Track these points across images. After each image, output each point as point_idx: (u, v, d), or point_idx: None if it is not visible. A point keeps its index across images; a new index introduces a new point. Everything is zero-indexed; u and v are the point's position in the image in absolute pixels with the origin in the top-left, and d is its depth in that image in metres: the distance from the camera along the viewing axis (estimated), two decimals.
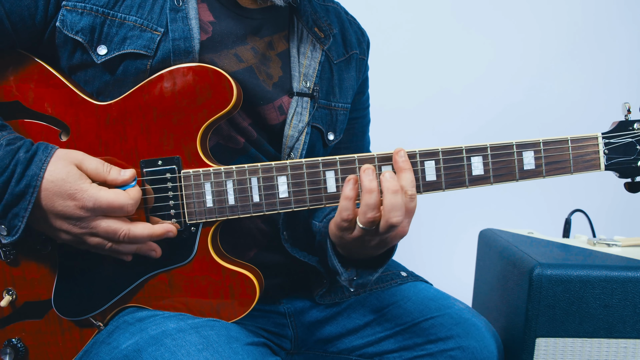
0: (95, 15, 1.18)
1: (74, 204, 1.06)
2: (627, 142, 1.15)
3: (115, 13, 1.19)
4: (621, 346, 1.51)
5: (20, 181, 1.04)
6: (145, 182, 1.17)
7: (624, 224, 3.26)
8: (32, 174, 1.05)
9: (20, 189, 1.04)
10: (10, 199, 1.05)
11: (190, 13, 1.23)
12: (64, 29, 1.17)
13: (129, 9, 1.20)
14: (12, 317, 1.21)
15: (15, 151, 1.06)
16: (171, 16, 1.21)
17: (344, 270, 1.23)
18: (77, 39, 1.17)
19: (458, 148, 1.15)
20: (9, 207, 1.05)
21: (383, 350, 1.42)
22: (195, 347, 1.05)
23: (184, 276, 1.19)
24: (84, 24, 1.17)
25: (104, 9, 1.18)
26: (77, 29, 1.17)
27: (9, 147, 1.06)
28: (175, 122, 1.16)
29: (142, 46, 1.19)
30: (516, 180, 1.15)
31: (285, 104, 1.35)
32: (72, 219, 1.07)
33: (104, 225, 1.09)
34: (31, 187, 1.05)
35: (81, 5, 1.17)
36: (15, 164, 1.05)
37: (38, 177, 1.05)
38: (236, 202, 1.17)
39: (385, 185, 1.09)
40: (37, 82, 1.19)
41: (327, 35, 1.45)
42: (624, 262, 1.56)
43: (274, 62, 1.36)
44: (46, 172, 1.06)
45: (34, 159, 1.06)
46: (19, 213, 1.06)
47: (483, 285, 1.99)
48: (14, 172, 1.04)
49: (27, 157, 1.06)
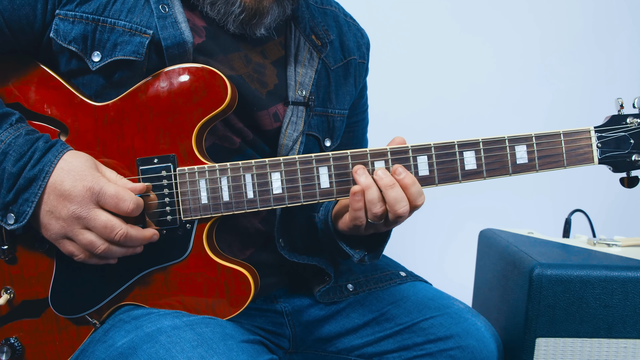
0: (86, 22, 1.18)
1: (82, 185, 1.07)
2: (620, 136, 1.16)
3: (105, 19, 1.19)
4: (621, 346, 1.50)
5: (35, 166, 1.08)
6: (143, 180, 1.18)
7: (624, 224, 3.24)
8: (47, 160, 1.08)
9: (34, 174, 1.07)
10: (23, 183, 1.08)
11: (178, 17, 1.22)
12: (57, 39, 1.18)
13: (118, 13, 1.20)
14: (9, 315, 1.21)
15: (34, 140, 1.10)
16: (160, 24, 1.20)
17: (355, 252, 1.31)
18: (71, 49, 1.19)
19: (450, 143, 1.15)
20: (21, 192, 1.08)
21: (382, 350, 1.42)
22: (189, 343, 1.06)
23: (179, 273, 1.19)
24: (76, 33, 1.18)
25: (93, 16, 1.19)
26: (70, 39, 1.18)
27: (28, 136, 1.11)
28: (171, 121, 1.17)
29: (131, 52, 1.19)
30: (509, 175, 1.16)
31: (281, 111, 1.35)
32: (74, 202, 1.07)
33: (103, 218, 1.08)
34: (44, 172, 1.08)
35: (72, 14, 1.18)
36: (34, 151, 1.09)
37: (52, 163, 1.08)
38: (230, 199, 1.18)
39: (381, 183, 1.14)
40: (37, 85, 1.21)
41: (325, 43, 1.44)
42: (624, 262, 1.55)
43: (269, 70, 1.36)
44: (62, 159, 1.10)
45: (51, 148, 1.10)
46: (29, 198, 1.08)
47: (483, 285, 1.98)
48: (31, 158, 1.08)
49: (45, 146, 1.10)
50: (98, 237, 1.10)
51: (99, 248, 1.10)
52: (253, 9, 1.26)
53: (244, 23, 1.28)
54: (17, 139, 1.09)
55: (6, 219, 1.10)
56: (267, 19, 1.29)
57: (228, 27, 1.28)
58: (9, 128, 1.11)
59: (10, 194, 1.08)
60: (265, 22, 1.29)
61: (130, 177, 1.18)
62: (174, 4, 1.23)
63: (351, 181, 1.17)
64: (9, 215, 1.09)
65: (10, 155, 1.08)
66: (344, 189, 1.17)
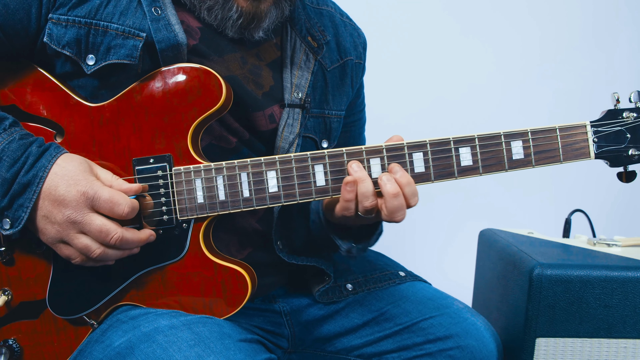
0: (79, 26, 1.18)
1: (76, 190, 1.07)
2: (617, 130, 1.15)
3: (97, 22, 1.18)
4: (621, 346, 1.50)
5: (28, 172, 1.08)
6: (139, 180, 1.18)
7: (624, 224, 3.24)
8: (40, 165, 1.08)
9: (28, 179, 1.07)
10: (17, 188, 1.08)
11: (171, 19, 1.22)
12: (51, 43, 1.18)
13: (110, 16, 1.19)
14: (7, 317, 1.21)
15: (27, 145, 1.10)
16: (153, 26, 1.20)
17: (343, 242, 1.31)
18: (65, 53, 1.18)
19: (446, 139, 1.15)
20: (15, 197, 1.08)
21: (382, 350, 1.42)
22: (187, 343, 1.06)
23: (176, 273, 1.19)
24: (69, 37, 1.18)
25: (86, 19, 1.18)
26: (64, 43, 1.18)
27: (22, 141, 1.10)
28: (167, 121, 1.17)
29: (125, 55, 1.19)
30: (505, 170, 1.15)
31: (277, 113, 1.35)
32: (69, 207, 1.07)
33: (98, 222, 1.08)
34: (37, 177, 1.08)
35: (64, 17, 1.18)
36: (27, 156, 1.09)
37: (45, 168, 1.08)
38: (226, 198, 1.18)
39: (385, 189, 1.13)
40: (33, 86, 1.21)
41: (321, 44, 1.43)
42: (624, 262, 1.55)
43: (265, 72, 1.36)
44: (55, 163, 1.09)
45: (45, 153, 1.10)
46: (24, 204, 1.08)
47: (483, 286, 1.98)
48: (25, 163, 1.08)
49: (39, 150, 1.10)
50: (94, 241, 1.10)
51: (94, 252, 1.10)
52: (251, 13, 1.26)
53: (243, 28, 1.28)
54: (11, 144, 1.09)
55: (2, 224, 1.10)
56: (266, 22, 1.29)
57: (226, 32, 1.28)
58: (2, 133, 1.11)
59: (5, 200, 1.08)
60: (264, 25, 1.29)
61: (126, 178, 1.18)
62: (166, 6, 1.23)
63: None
64: (5, 221, 1.09)
65: (4, 160, 1.08)
66: (339, 186, 1.17)
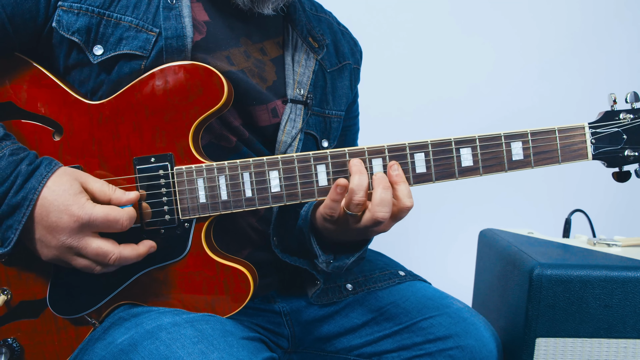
0: (91, 15, 1.19)
1: (68, 216, 1.05)
2: (614, 131, 1.17)
3: (111, 13, 1.20)
4: (621, 346, 1.50)
5: (18, 193, 1.05)
6: (140, 180, 1.18)
7: (624, 224, 3.23)
8: (30, 187, 1.05)
9: (17, 201, 1.05)
10: (6, 209, 1.05)
11: (183, 11, 1.24)
12: (60, 29, 1.18)
13: (124, 9, 1.21)
14: (7, 316, 1.21)
15: (18, 162, 1.07)
16: (164, 14, 1.22)
17: (322, 253, 1.27)
18: (73, 40, 1.19)
19: (447, 140, 1.16)
20: (4, 218, 1.06)
21: (381, 350, 1.42)
22: (190, 340, 1.06)
23: (178, 272, 1.19)
24: (80, 24, 1.18)
25: (99, 9, 1.19)
26: (74, 30, 1.18)
27: (12, 158, 1.07)
28: (167, 120, 1.17)
29: (138, 47, 1.20)
30: (505, 171, 1.16)
31: (279, 108, 1.36)
32: (63, 233, 1.06)
33: (94, 246, 1.08)
34: (27, 199, 1.05)
35: (77, 5, 1.19)
36: (17, 176, 1.06)
37: (36, 190, 1.06)
38: (229, 197, 1.18)
39: (377, 182, 1.14)
40: (30, 83, 1.19)
41: (321, 45, 1.46)
42: (624, 262, 1.55)
43: (269, 67, 1.37)
44: (45, 186, 1.06)
45: (35, 172, 1.07)
46: (13, 225, 1.06)
47: (483, 285, 1.98)
48: (14, 183, 1.05)
49: (28, 169, 1.07)
50: (92, 262, 1.10)
51: (95, 269, 1.11)
52: None
53: None
54: (0, 162, 1.07)
55: None
56: None
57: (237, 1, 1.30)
58: None
59: None
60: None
61: (126, 177, 1.18)
62: None
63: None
64: None
65: None
66: None
